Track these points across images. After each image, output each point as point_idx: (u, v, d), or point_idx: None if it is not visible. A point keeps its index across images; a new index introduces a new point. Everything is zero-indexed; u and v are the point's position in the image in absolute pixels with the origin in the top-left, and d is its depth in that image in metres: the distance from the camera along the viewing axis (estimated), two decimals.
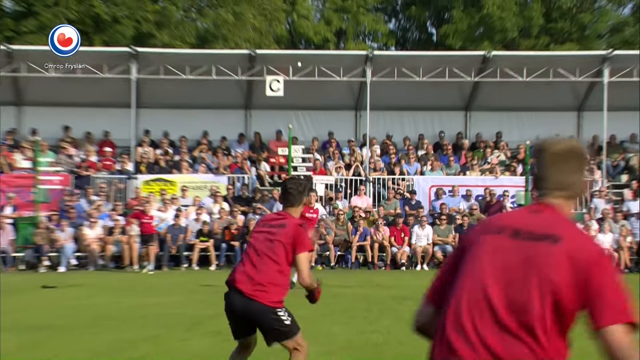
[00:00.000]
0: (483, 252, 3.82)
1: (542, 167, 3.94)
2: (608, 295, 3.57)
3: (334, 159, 31.32)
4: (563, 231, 3.72)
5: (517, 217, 3.93)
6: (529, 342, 3.60)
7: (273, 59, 31.62)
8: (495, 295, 3.69)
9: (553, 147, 3.94)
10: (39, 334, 12.62)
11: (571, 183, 3.91)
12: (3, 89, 31.65)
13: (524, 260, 3.70)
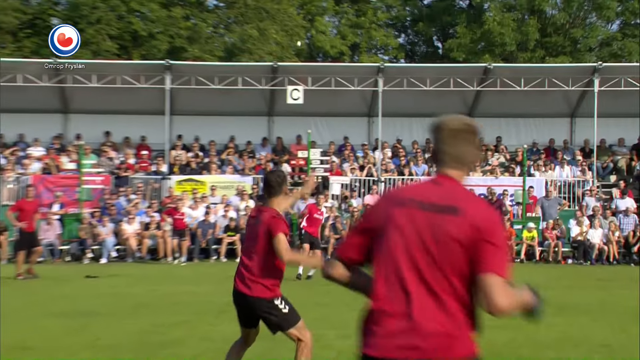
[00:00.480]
0: (397, 223, 3.76)
1: (440, 143, 3.93)
2: (493, 252, 3.60)
3: (349, 161, 31.31)
4: (462, 202, 3.71)
5: (420, 190, 3.87)
6: (442, 307, 3.61)
7: (293, 71, 31.65)
8: (406, 264, 3.68)
9: (449, 124, 3.94)
10: (83, 319, 12.67)
11: (466, 156, 3.88)
12: (52, 98, 31.77)
13: (429, 229, 3.68)
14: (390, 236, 3.76)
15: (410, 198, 3.81)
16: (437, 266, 3.65)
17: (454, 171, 3.87)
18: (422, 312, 3.62)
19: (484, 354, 3.78)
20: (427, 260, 3.67)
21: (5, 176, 28.86)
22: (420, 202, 3.76)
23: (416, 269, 3.68)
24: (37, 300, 15.48)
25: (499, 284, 3.55)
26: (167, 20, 44.33)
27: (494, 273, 3.56)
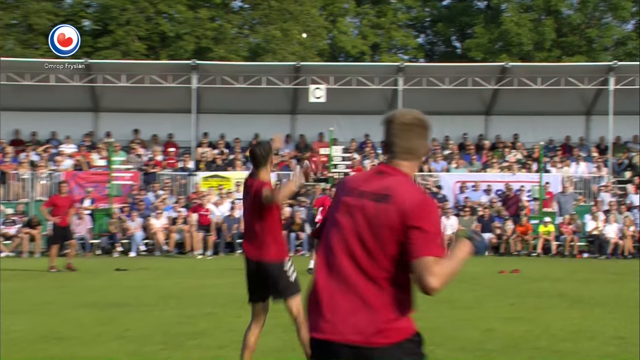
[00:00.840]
0: (341, 211, 3.87)
1: (391, 135, 3.96)
2: (421, 236, 3.66)
3: (370, 158, 31.28)
4: (395, 190, 3.77)
5: (363, 179, 3.94)
6: (379, 292, 3.71)
7: (316, 70, 31.68)
8: (344, 251, 3.77)
9: (401, 118, 3.98)
10: (112, 310, 12.73)
11: (416, 148, 3.94)
12: (83, 98, 31.96)
13: (366, 217, 3.76)
14: (333, 223, 3.87)
15: (354, 187, 3.89)
16: (372, 252, 3.73)
17: (404, 162, 3.93)
18: (360, 298, 3.71)
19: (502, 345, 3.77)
20: (363, 247, 3.74)
21: (39, 172, 29.05)
22: (361, 191, 3.84)
23: (353, 255, 3.76)
24: (68, 292, 15.58)
25: (428, 266, 3.62)
26: (194, 21, 44.45)
27: (423, 256, 3.63)
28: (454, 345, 9.54)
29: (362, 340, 3.68)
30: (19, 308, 13.05)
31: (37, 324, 11.25)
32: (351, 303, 3.72)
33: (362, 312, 3.71)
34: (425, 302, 13.93)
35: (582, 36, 49.64)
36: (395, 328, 3.75)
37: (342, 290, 3.74)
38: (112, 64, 34.13)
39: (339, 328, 3.71)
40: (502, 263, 22.24)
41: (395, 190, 3.77)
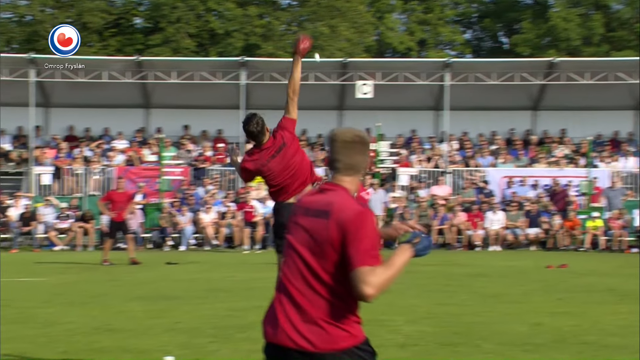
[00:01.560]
0: (292, 230, 4.10)
1: (334, 152, 4.15)
2: (356, 247, 3.83)
3: (416, 153, 31.17)
4: (333, 206, 3.95)
5: (310, 197, 4.16)
6: (325, 304, 3.92)
7: (363, 66, 31.65)
8: (295, 266, 4.01)
9: (342, 136, 4.18)
10: (163, 303, 12.85)
11: (358, 164, 4.13)
12: (134, 94, 32.28)
13: (310, 234, 3.97)
14: (287, 241, 4.12)
15: (301, 206, 4.14)
16: (316, 266, 3.94)
17: (346, 177, 4.11)
18: (308, 309, 3.93)
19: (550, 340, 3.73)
20: (309, 261, 3.95)
21: (92, 168, 29.41)
22: (307, 209, 4.07)
23: (303, 270, 3.97)
24: (121, 285, 15.75)
25: (363, 276, 3.79)
26: (243, 18, 44.63)
27: (359, 266, 3.80)
28: (502, 340, 9.48)
29: (313, 347, 3.90)
30: (74, 300, 13.23)
31: (90, 316, 11.39)
32: (303, 313, 3.94)
33: (314, 321, 3.92)
34: (473, 296, 13.89)
35: (631, 31, 48.88)
36: (344, 335, 3.94)
37: (295, 302, 3.97)
38: (163, 61, 34.41)
39: (293, 335, 3.94)
40: (550, 258, 22.02)
41: (333, 206, 3.95)
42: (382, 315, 11.39)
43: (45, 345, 9.17)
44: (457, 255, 24.35)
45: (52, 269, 19.34)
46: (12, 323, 10.69)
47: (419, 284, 15.88)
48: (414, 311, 11.95)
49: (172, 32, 43.87)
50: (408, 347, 9.08)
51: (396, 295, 13.86)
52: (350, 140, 4.17)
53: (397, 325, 10.59)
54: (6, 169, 30.39)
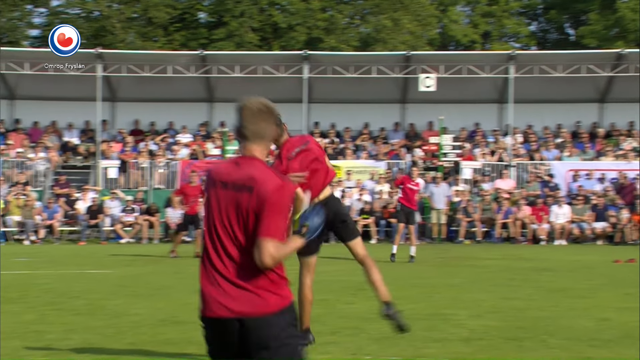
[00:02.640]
0: (213, 204, 4.25)
1: (242, 121, 4.37)
2: (270, 219, 4.08)
3: (480, 147, 30.91)
4: (256, 180, 4.15)
5: (226, 171, 4.28)
6: (251, 272, 4.12)
7: (426, 59, 31.44)
8: (218, 238, 4.19)
9: (250, 105, 4.41)
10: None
11: (265, 132, 4.32)
12: (198, 88, 32.57)
13: (232, 206, 4.16)
14: (207, 214, 4.28)
15: (218, 179, 4.27)
16: (241, 238, 4.15)
17: (255, 146, 4.30)
18: (237, 278, 4.12)
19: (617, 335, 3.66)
20: (233, 233, 4.16)
21: (157, 161, 29.77)
22: (224, 182, 4.23)
23: (225, 241, 4.17)
24: (185, 277, 15.92)
25: (267, 246, 4.06)
26: (306, 12, 44.71)
27: (266, 236, 4.08)
28: (568, 335, 9.35)
29: (248, 313, 4.09)
30: (140, 292, 13.41)
31: (156, 308, 11.54)
32: (233, 283, 4.13)
33: (245, 288, 4.12)
34: (538, 291, 13.71)
35: None
36: (275, 298, 4.13)
37: (224, 273, 4.15)
38: (227, 55, 34.67)
39: (228, 305, 4.11)
40: (617, 252, 21.64)
41: (256, 180, 4.16)
42: (446, 310, 11.33)
43: (113, 336, 9.31)
44: (521, 249, 24.08)
45: (118, 261, 19.64)
46: (81, 314, 10.88)
47: (483, 278, 15.76)
48: (478, 305, 11.85)
49: (236, 26, 44.15)
50: (473, 341, 9.01)
51: (460, 290, 13.78)
52: (257, 109, 4.36)
53: (461, 319, 10.51)
54: (74, 163, 30.94)
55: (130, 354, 8.29)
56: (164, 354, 8.37)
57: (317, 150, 8.18)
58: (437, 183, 27.39)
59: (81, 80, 30.42)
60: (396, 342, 8.92)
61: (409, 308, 11.49)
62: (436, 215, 27.03)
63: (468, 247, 25.38)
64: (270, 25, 45.93)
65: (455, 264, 19.24)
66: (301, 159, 8.00)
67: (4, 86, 32.26)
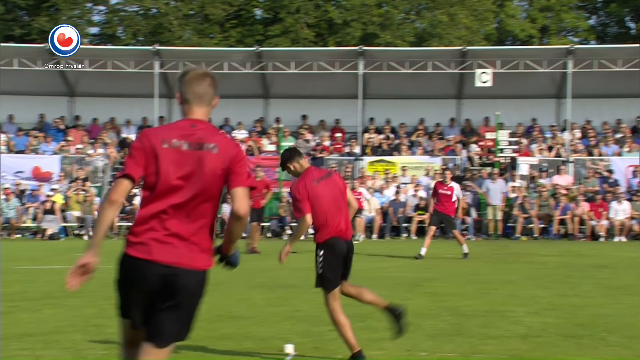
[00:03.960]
0: (167, 160, 4.55)
1: (186, 86, 4.69)
2: (239, 171, 4.64)
3: (537, 142, 30.58)
4: (216, 140, 4.63)
5: (181, 131, 4.62)
6: (195, 227, 4.59)
7: (482, 54, 31.21)
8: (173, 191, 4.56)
9: (192, 72, 4.74)
10: (283, 291, 13.00)
11: (207, 97, 4.72)
12: (254, 85, 32.73)
13: (196, 163, 4.55)
14: (162, 169, 4.55)
15: (174, 139, 4.58)
16: (198, 193, 4.56)
17: (199, 109, 4.70)
18: (178, 230, 4.53)
19: None
20: (191, 188, 4.55)
21: None
22: (185, 142, 4.57)
23: (180, 195, 4.54)
24: (241, 273, 15.96)
25: (243, 194, 4.64)
26: (361, 8, 44.63)
27: (241, 185, 4.64)
28: (628, 333, 9.20)
29: (184, 265, 4.53)
30: None
31: (213, 304, 11.60)
32: (179, 237, 4.54)
33: (184, 244, 4.55)
34: (597, 288, 13.52)
35: None
36: (206, 257, 4.64)
37: (173, 226, 4.54)
38: (282, 51, 34.80)
39: (170, 253, 4.51)
40: None
41: (216, 140, 4.62)
42: (503, 307, 11.24)
43: None
44: (579, 246, 23.78)
45: None
46: None
47: (540, 274, 15.60)
48: (536, 302, 11.74)
49: (291, 22, 44.25)
50: (530, 338, 8.92)
51: (517, 286, 13.66)
52: (198, 75, 4.72)
53: (518, 316, 10.42)
54: None
55: (187, 350, 8.37)
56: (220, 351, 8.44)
57: (340, 183, 8.10)
58: (494, 179, 27.17)
59: (139, 77, 30.80)
60: (452, 338, 8.89)
61: (466, 305, 11.43)
62: (492, 211, 26.83)
63: (525, 244, 25.13)
64: (326, 21, 45.94)
65: (512, 260, 19.07)
66: (327, 184, 7.98)
67: (65, 83, 32.78)
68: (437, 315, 10.49)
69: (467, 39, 43.49)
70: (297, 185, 7.92)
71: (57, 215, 26.69)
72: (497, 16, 49.78)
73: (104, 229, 4.58)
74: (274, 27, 45.01)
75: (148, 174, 4.57)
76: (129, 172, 4.57)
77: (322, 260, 7.90)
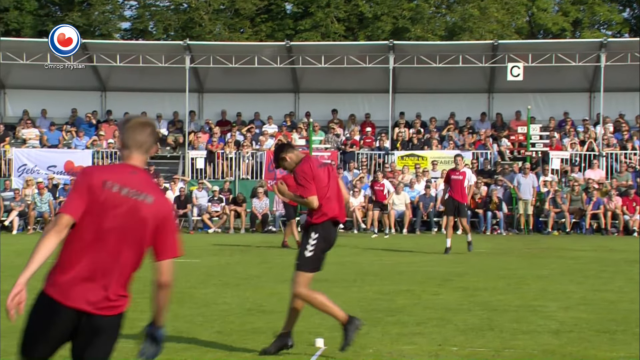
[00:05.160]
0: (105, 202, 4.53)
1: (128, 133, 4.71)
2: (170, 239, 4.67)
3: (569, 136, 30.33)
4: (153, 192, 4.64)
5: (121, 175, 4.62)
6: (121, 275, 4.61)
7: (514, 48, 31.05)
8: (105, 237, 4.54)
9: (134, 120, 4.77)
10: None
11: (146, 145, 4.72)
12: (284, 79, 32.76)
13: (129, 211, 4.55)
14: (97, 210, 4.53)
15: (113, 181, 4.58)
16: (129, 242, 4.56)
17: (139, 156, 4.71)
18: (109, 280, 4.55)
19: None
20: (122, 236, 4.54)
21: (243, 152, 30.08)
22: (122, 186, 4.57)
23: (112, 244, 4.53)
24: (271, 267, 16.06)
25: (171, 266, 4.72)
26: (391, 2, 44.46)
27: (174, 256, 4.70)
28: None
29: (105, 312, 4.53)
30: (228, 282, 13.59)
31: (243, 297, 11.67)
32: (104, 283, 4.54)
33: (101, 287, 4.53)
34: (630, 283, 13.37)
35: None
36: (125, 301, 4.66)
37: (97, 271, 4.53)
38: (312, 45, 34.79)
39: (90, 300, 4.50)
40: None
41: (153, 192, 4.64)
42: (534, 302, 11.18)
43: (201, 325, 9.45)
44: (612, 241, 23.59)
45: (206, 250, 19.92)
46: (171, 303, 11.04)
47: (573, 269, 15.49)
48: (568, 297, 11.66)
49: (322, 16, 44.20)
50: (562, 333, 8.86)
51: (549, 281, 13.58)
52: (143, 123, 4.76)
53: (550, 311, 10.36)
54: (163, 153, 31.49)
55: (218, 345, 8.40)
56: (250, 346, 8.46)
57: (335, 173, 8.25)
58: (525, 173, 27.00)
59: (170, 71, 30.93)
60: (483, 333, 8.85)
61: (497, 299, 11.38)
62: (523, 205, 26.66)
63: (557, 238, 24.96)
64: (356, 16, 45.84)
65: (544, 255, 18.96)
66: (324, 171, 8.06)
67: (96, 78, 33.00)
68: (469, 310, 10.44)
69: (498, 32, 43.22)
70: (303, 166, 7.98)
71: None
72: (529, 9, 49.38)
73: (44, 257, 4.47)
74: (304, 21, 44.99)
75: (85, 212, 4.55)
76: (70, 209, 4.53)
77: (315, 243, 7.90)
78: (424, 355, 7.82)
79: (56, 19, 45.22)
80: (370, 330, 9.04)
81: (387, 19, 44.33)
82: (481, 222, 26.89)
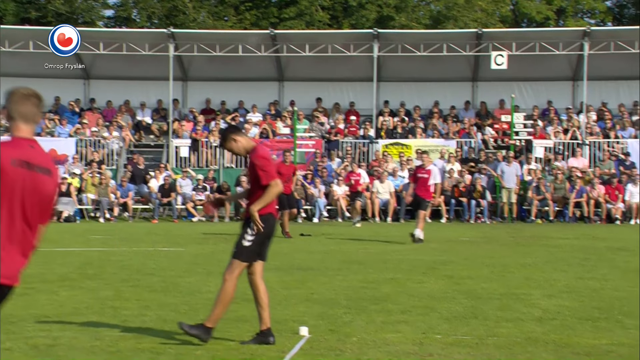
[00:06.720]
0: (13, 179, 4.57)
1: (14, 104, 4.73)
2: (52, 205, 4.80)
3: (552, 125, 30.44)
4: (51, 164, 4.80)
5: (25, 152, 4.65)
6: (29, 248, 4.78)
7: (498, 37, 31.09)
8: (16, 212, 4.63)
9: (21, 91, 4.78)
10: (298, 274, 13.01)
11: (34, 116, 4.76)
12: (268, 67, 32.68)
13: (34, 186, 4.64)
14: (7, 189, 4.57)
15: (20, 159, 4.61)
16: (35, 215, 4.69)
17: (26, 127, 4.73)
18: (24, 250, 4.72)
19: None
20: (28, 210, 4.65)
21: None
22: (29, 163, 4.63)
23: (20, 216, 4.64)
24: None
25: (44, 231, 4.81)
26: None
27: (46, 223, 4.82)
28: None
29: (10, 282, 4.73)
30: (212, 270, 13.55)
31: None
32: (20, 254, 4.72)
33: (19, 259, 4.74)
34: (614, 271, 13.46)
35: None
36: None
37: (16, 244, 4.67)
38: (297, 34, 34.72)
39: (18, 274, 4.76)
40: None
41: (52, 165, 4.80)
42: (518, 289, 11.22)
43: (186, 313, 9.44)
44: (595, 229, 23.71)
45: (190, 239, 19.88)
46: (156, 291, 11.06)
47: (556, 257, 15.56)
48: (552, 285, 11.72)
49: (306, 5, 44.13)
50: (546, 321, 8.91)
51: (533, 269, 13.64)
52: (28, 94, 4.76)
53: (534, 299, 10.41)
54: (147, 142, 31.38)
55: None
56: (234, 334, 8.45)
57: None
58: (509, 162, 27.08)
59: (154, 59, 30.81)
60: (468, 321, 8.88)
61: (482, 287, 11.42)
62: (507, 194, 26.76)
63: (540, 227, 25.07)
64: (341, 4, 45.80)
65: (527, 243, 19.03)
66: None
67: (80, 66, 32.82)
68: (453, 298, 10.48)
69: (482, 21, 43.31)
70: (262, 152, 8.02)
71: (73, 198, 26.81)
72: None
73: None
74: (288, 9, 44.91)
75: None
76: None
77: (256, 234, 7.89)
78: (409, 343, 7.83)
79: (39, 6, 44.93)
80: (355, 318, 9.06)
81: (371, 7, 44.33)
82: (465, 210, 26.96)
